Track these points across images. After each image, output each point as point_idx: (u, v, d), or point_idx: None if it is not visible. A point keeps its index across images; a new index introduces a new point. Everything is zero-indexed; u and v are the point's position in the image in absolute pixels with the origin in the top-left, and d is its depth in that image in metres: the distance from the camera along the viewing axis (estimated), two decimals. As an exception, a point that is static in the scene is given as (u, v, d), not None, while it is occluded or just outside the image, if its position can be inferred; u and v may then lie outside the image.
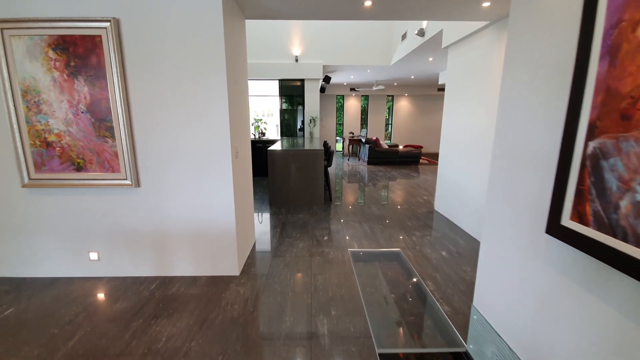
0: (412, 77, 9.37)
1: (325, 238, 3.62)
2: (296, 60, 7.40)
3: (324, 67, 7.64)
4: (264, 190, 5.91)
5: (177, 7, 2.28)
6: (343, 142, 12.57)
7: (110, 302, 2.33)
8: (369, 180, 7.22)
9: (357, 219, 4.33)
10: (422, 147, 11.68)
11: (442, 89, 11.62)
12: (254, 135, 7.56)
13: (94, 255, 2.65)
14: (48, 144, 2.46)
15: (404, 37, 6.34)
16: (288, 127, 8.18)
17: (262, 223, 4.15)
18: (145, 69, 2.37)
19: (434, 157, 11.01)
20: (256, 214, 4.54)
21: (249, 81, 7.57)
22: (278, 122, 8.20)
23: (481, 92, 3.58)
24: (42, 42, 2.29)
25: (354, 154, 11.43)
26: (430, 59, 6.61)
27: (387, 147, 9.75)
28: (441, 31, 4.45)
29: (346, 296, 2.44)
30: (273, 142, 7.15)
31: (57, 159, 2.48)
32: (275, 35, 7.28)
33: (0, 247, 2.63)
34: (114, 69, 2.33)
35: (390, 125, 13.37)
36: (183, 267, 2.71)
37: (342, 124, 12.90)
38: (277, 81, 7.74)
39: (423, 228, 4.00)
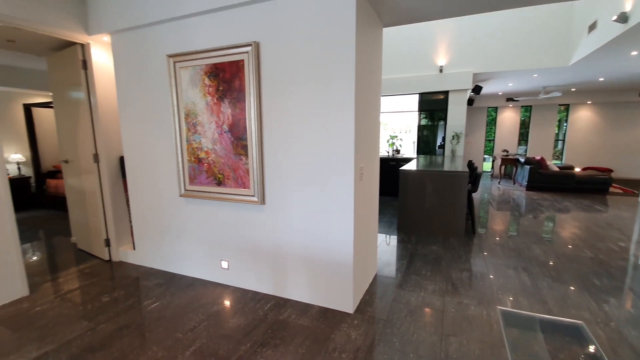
0: (601, 79, 7.15)
1: (465, 283, 2.90)
2: (440, 70, 6.71)
3: (474, 75, 6.65)
4: (393, 213, 5.46)
5: (308, 21, 2.20)
6: (493, 161, 10.75)
7: (229, 316, 2.39)
8: (527, 210, 5.76)
9: (510, 262, 3.37)
10: (611, 171, 8.82)
11: (651, 92, 8.47)
12: (388, 152, 7.23)
13: (224, 264, 2.84)
14: (199, 160, 2.78)
15: (592, 27, 4.82)
16: (426, 144, 7.48)
17: (386, 251, 3.73)
18: (275, 89, 2.38)
19: (632, 186, 8.05)
20: (381, 239, 4.15)
21: (386, 97, 7.38)
22: (415, 138, 7.62)
23: None
24: (201, 71, 2.61)
25: (507, 176, 9.57)
26: (634, 52, 4.81)
27: (556, 169, 7.71)
28: (667, 8, 3.05)
29: (491, 381, 1.76)
30: (408, 160, 6.64)
31: (205, 173, 2.77)
32: (416, 46, 6.81)
33: (161, 245, 3.15)
34: (252, 91, 2.43)
35: (561, 142, 10.65)
36: (297, 291, 2.58)
37: (493, 140, 11.07)
38: (417, 95, 7.21)
39: (620, 292, 2.73)
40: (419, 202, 4.38)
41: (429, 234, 4.34)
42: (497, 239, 4.13)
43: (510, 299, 2.64)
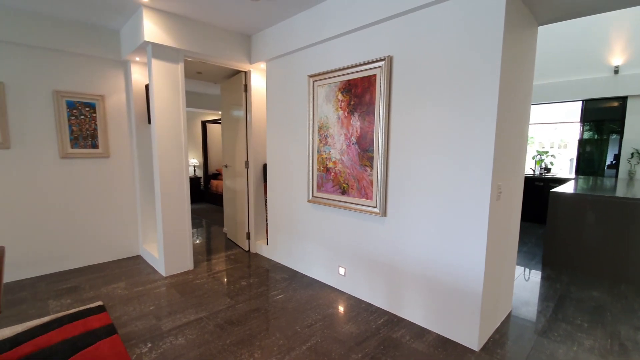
0: None
1: (644, 349, 2.18)
2: (615, 72, 5.36)
3: (671, 75, 5.04)
4: (535, 242, 4.59)
5: (445, 30, 2.11)
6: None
7: (342, 321, 2.46)
8: None
9: None
10: None
11: None
12: (534, 171, 6.17)
13: (342, 270, 2.94)
14: (327, 170, 2.99)
15: None
16: (589, 162, 6.03)
17: (525, 288, 3.15)
18: (405, 101, 2.36)
19: None
20: (519, 272, 3.53)
21: (535, 106, 6.32)
22: (573, 155, 6.25)
23: None
24: (335, 88, 2.83)
25: None
26: None
27: None
28: None
29: None
30: (561, 181, 5.51)
31: (331, 182, 2.97)
32: (579, 44, 5.63)
33: (289, 243, 3.50)
34: (381, 104, 2.49)
35: None
36: (412, 311, 2.45)
37: None
38: (580, 103, 5.92)
39: None
40: (575, 234, 3.55)
41: (588, 274, 3.46)
42: None
43: None
